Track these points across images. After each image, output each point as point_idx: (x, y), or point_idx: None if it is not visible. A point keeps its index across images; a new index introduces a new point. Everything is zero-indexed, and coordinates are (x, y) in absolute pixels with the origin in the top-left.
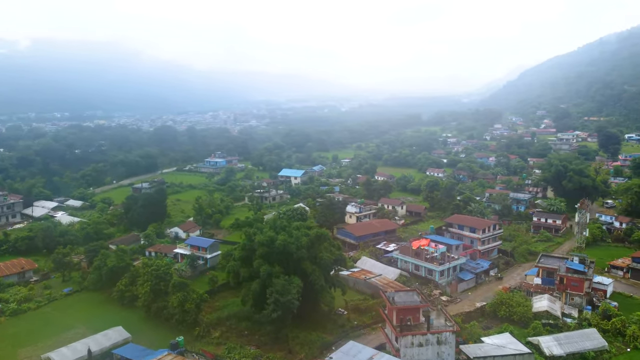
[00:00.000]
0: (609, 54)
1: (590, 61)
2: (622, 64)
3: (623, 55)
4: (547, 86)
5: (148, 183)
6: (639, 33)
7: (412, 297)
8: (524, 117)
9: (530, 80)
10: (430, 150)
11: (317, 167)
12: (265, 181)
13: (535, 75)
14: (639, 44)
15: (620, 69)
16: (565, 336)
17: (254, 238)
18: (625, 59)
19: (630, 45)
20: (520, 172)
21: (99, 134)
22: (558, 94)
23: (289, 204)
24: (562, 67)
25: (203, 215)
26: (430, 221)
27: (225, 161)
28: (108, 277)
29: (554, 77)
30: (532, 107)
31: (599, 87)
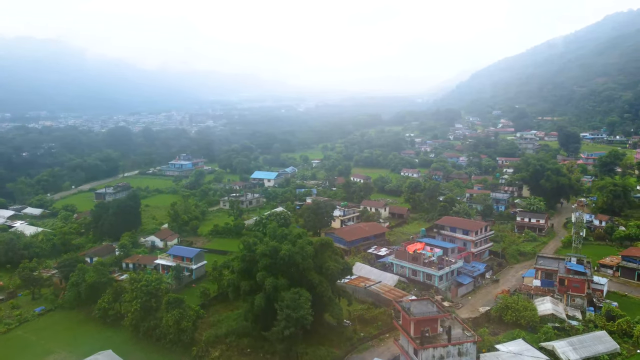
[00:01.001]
0: (556, 56)
1: (539, 63)
2: (569, 66)
3: (570, 58)
4: (498, 87)
5: (112, 188)
6: (584, 36)
7: (428, 306)
8: (480, 117)
9: (481, 81)
10: (399, 151)
11: (289, 168)
12: (236, 184)
13: (486, 77)
14: (584, 47)
15: (568, 70)
16: (578, 340)
17: (255, 248)
18: (572, 61)
19: (576, 48)
20: (492, 171)
21: (47, 136)
22: (510, 94)
23: (266, 208)
24: (511, 68)
25: (179, 222)
26: (414, 223)
27: (191, 164)
28: (87, 294)
29: (504, 78)
30: (487, 107)
31: (551, 88)
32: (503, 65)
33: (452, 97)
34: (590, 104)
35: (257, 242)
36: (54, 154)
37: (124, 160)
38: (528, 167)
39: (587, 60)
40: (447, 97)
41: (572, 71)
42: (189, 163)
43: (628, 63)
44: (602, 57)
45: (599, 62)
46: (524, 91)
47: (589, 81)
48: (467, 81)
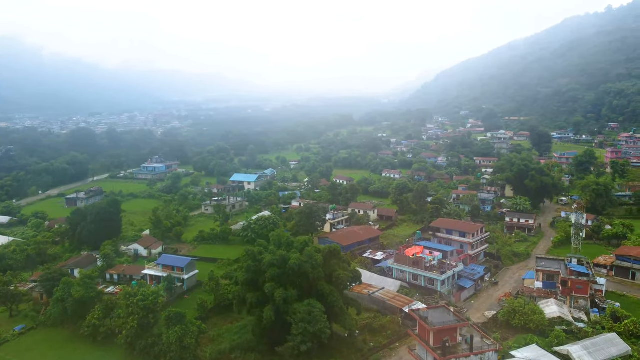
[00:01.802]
0: (518, 57)
1: (502, 64)
2: (532, 67)
3: (532, 59)
4: (463, 87)
5: (84, 193)
6: (544, 39)
7: (446, 314)
8: (449, 117)
9: (446, 82)
10: (377, 151)
11: (268, 170)
12: (214, 187)
13: (450, 77)
14: (545, 49)
15: (530, 71)
16: (591, 344)
17: (261, 258)
18: (534, 63)
19: (538, 50)
20: (472, 171)
21: (4, 138)
22: (475, 94)
23: (249, 212)
24: (475, 69)
25: (162, 229)
26: (403, 225)
27: (164, 166)
28: (74, 310)
29: (468, 79)
30: (454, 107)
31: (516, 89)
32: (466, 66)
33: (418, 97)
34: (555, 104)
35: (262, 252)
36: (14, 157)
37: (93, 164)
38: (512, 167)
39: (548, 62)
40: (413, 97)
41: (535, 72)
42: (162, 166)
43: (589, 65)
44: (563, 58)
45: (561, 64)
46: (489, 91)
47: (552, 82)
48: (432, 82)
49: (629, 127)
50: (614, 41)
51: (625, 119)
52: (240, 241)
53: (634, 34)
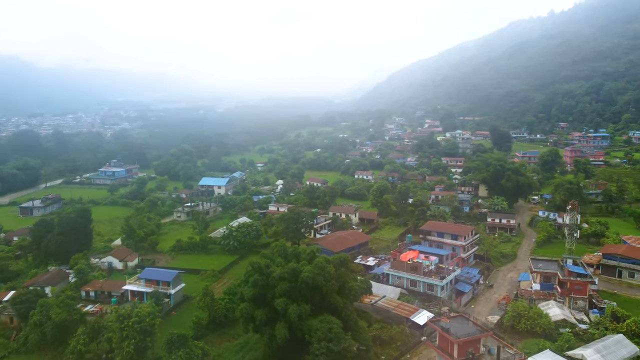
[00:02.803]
0: (468, 59)
1: (453, 65)
2: (482, 68)
3: (481, 61)
4: (416, 88)
5: (40, 201)
6: (492, 41)
7: (466, 325)
8: (405, 117)
9: (398, 83)
10: (344, 152)
11: (236, 173)
12: (182, 192)
13: (402, 78)
14: (494, 51)
15: (481, 72)
16: (603, 346)
17: (269, 271)
18: (484, 64)
19: (487, 52)
20: (442, 171)
21: None
22: (429, 95)
23: (224, 218)
24: (427, 70)
25: (135, 239)
26: (386, 228)
27: (124, 170)
28: (54, 335)
29: (420, 80)
30: (410, 107)
31: (469, 89)
32: (417, 67)
33: (371, 97)
34: (507, 104)
35: (270, 265)
36: None
37: (45, 168)
38: (488, 167)
39: (498, 64)
40: (365, 97)
41: (485, 73)
42: (122, 170)
43: (537, 67)
44: (512, 60)
45: (509, 65)
46: (443, 92)
47: (503, 83)
48: (384, 82)
49: (578, 126)
50: (559, 44)
51: (574, 119)
52: (220, 250)
53: (576, 37)
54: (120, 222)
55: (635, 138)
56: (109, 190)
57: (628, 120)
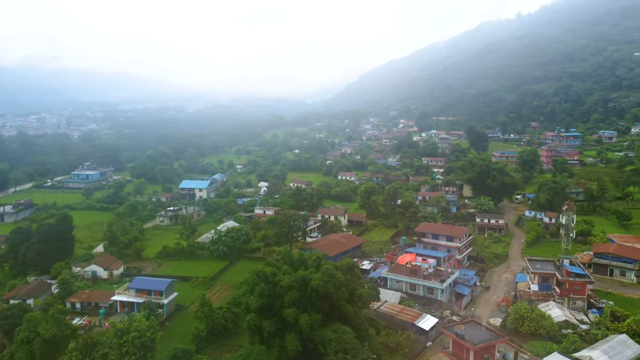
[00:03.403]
0: (439, 59)
1: (424, 66)
2: (453, 69)
3: (452, 61)
4: (388, 88)
5: (11, 206)
6: (462, 42)
7: (479, 330)
8: (379, 117)
9: (370, 83)
10: (324, 153)
11: (217, 175)
12: (162, 196)
13: (374, 78)
14: (465, 52)
15: (452, 73)
16: (609, 347)
17: (276, 280)
18: (455, 64)
19: (458, 52)
20: (425, 172)
21: None
22: (401, 95)
23: (208, 222)
24: (398, 70)
25: (119, 245)
26: (375, 230)
27: (99, 174)
28: (43, 353)
29: (392, 80)
30: (383, 108)
31: (442, 90)
32: (389, 68)
33: (343, 98)
34: (480, 104)
35: (277, 273)
36: None
37: (14, 172)
38: (474, 167)
39: (468, 64)
40: (337, 97)
41: (457, 74)
42: (96, 173)
43: (507, 67)
44: (482, 61)
45: (480, 66)
46: (416, 92)
47: (474, 83)
48: (356, 83)
49: (549, 126)
50: (527, 45)
51: (545, 119)
52: (209, 255)
53: (544, 39)
54: (99, 227)
55: (605, 137)
56: (83, 194)
57: (597, 120)
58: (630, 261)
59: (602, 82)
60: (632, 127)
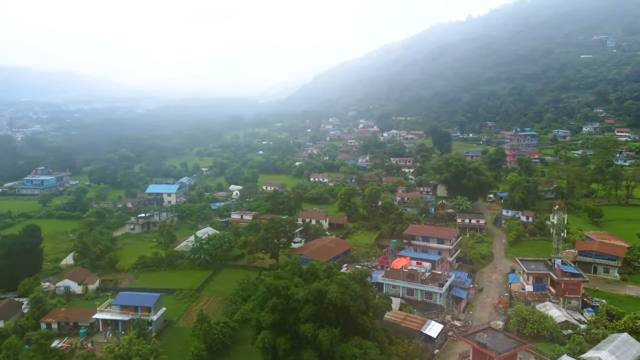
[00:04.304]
0: (394, 60)
1: (379, 66)
2: (409, 69)
3: (407, 62)
4: (344, 88)
5: None
6: (416, 43)
7: (499, 337)
8: (338, 118)
9: (326, 83)
10: (292, 154)
11: (184, 179)
12: (128, 201)
13: (330, 79)
14: (419, 52)
15: (408, 73)
16: (615, 347)
17: (290, 293)
18: (410, 65)
19: (412, 53)
20: (396, 172)
21: None
22: (359, 95)
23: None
24: (354, 71)
25: (91, 257)
26: (358, 233)
27: (55, 179)
28: None
29: (348, 80)
30: (341, 108)
31: (399, 90)
32: (344, 68)
33: (298, 97)
34: (437, 104)
35: (289, 286)
36: None
37: None
38: (449, 167)
39: (423, 65)
40: (293, 97)
41: (413, 74)
42: (52, 178)
43: (462, 68)
44: (437, 62)
45: (435, 67)
46: (373, 92)
47: (431, 83)
48: (312, 83)
49: (504, 125)
50: (480, 47)
51: (500, 118)
52: (189, 265)
53: (496, 41)
54: (64, 238)
55: (559, 136)
56: (40, 201)
57: (550, 119)
58: (613, 258)
59: (552, 83)
60: (583, 127)
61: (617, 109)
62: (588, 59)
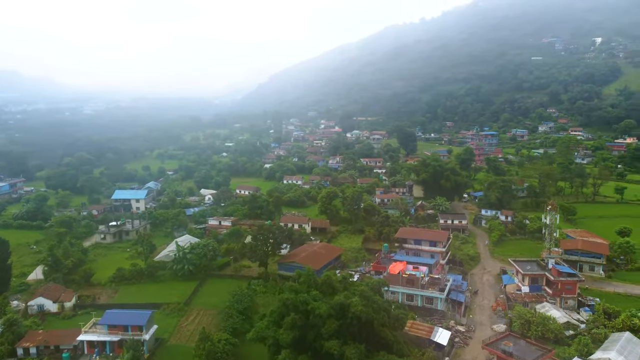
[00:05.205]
0: (350, 60)
1: (336, 66)
2: (366, 70)
3: (364, 62)
4: (301, 88)
5: None
6: (372, 43)
7: (522, 344)
8: (298, 118)
9: (282, 83)
10: (260, 156)
11: (151, 184)
12: (93, 209)
13: (286, 79)
14: (375, 53)
15: (365, 74)
16: (621, 347)
17: (311, 308)
18: (367, 65)
19: (368, 54)
20: (368, 173)
21: None
22: (317, 96)
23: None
24: (310, 71)
25: (63, 271)
26: (341, 236)
27: (7, 185)
28: None
29: (306, 80)
30: (301, 108)
31: (358, 90)
32: (301, 68)
33: (254, 98)
34: (396, 105)
35: (308, 300)
36: None
37: None
38: (427, 168)
39: (380, 65)
40: (248, 97)
41: (370, 74)
42: (4, 185)
43: (419, 69)
44: (393, 62)
45: (392, 67)
46: (332, 93)
47: (389, 84)
48: (268, 83)
49: (463, 125)
50: (436, 48)
51: (459, 118)
52: (171, 276)
53: (451, 42)
54: (26, 250)
55: (518, 136)
56: None
57: (507, 119)
58: (598, 256)
59: (506, 83)
60: (539, 126)
61: (569, 109)
62: (539, 61)
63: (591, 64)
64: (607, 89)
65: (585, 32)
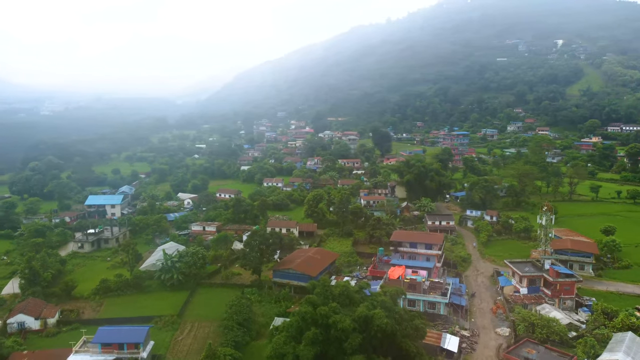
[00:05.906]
0: (316, 60)
1: (302, 67)
2: (333, 70)
3: (331, 63)
4: (268, 89)
5: None
6: (338, 44)
7: (542, 350)
8: (267, 119)
9: (248, 83)
10: (236, 158)
11: (125, 188)
12: (65, 215)
13: (251, 79)
14: (341, 53)
15: (333, 74)
16: (627, 348)
17: (332, 322)
18: (334, 66)
19: (335, 54)
20: (348, 174)
21: None
22: (283, 96)
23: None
24: (276, 71)
25: (42, 284)
26: (330, 240)
27: None
28: None
29: (272, 81)
30: (269, 108)
31: (327, 90)
32: (266, 68)
33: (219, 98)
34: (365, 105)
35: (329, 314)
36: None
37: None
38: (411, 168)
39: (348, 65)
40: (214, 98)
41: (338, 75)
42: None
43: (387, 69)
44: (360, 62)
45: (359, 68)
46: (299, 93)
47: (357, 84)
48: (233, 83)
49: (433, 125)
50: (403, 49)
51: (429, 118)
52: (159, 286)
53: (418, 43)
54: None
55: (489, 135)
56: None
57: (476, 119)
58: (587, 255)
59: (474, 84)
60: (507, 126)
61: (535, 109)
62: (504, 62)
63: (555, 65)
64: (571, 89)
65: (547, 34)
